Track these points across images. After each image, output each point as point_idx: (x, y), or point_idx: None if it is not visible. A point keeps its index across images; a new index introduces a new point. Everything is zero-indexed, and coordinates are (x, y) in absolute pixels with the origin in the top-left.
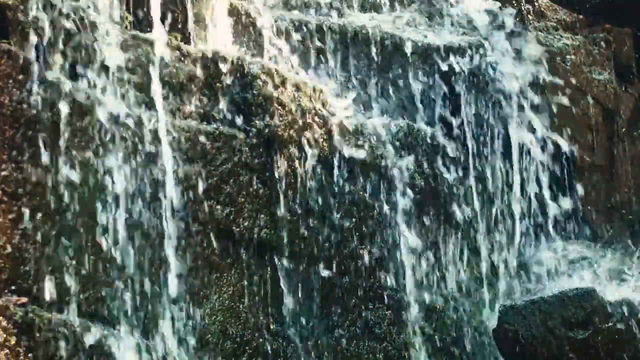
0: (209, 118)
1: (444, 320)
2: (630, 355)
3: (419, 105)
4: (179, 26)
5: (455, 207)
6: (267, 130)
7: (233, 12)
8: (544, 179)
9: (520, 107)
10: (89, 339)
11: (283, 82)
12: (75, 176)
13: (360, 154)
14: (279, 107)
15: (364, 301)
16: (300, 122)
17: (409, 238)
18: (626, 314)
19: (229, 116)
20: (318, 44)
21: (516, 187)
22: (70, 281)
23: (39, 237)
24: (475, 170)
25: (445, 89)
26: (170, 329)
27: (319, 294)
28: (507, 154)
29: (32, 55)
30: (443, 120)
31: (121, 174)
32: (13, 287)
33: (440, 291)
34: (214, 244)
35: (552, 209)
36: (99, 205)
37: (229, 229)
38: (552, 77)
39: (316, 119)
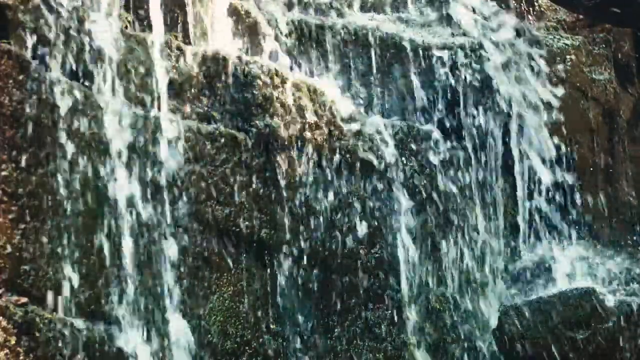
0: (209, 118)
1: (444, 320)
2: (630, 355)
3: (419, 106)
4: (179, 26)
5: (455, 207)
6: (267, 130)
7: (233, 12)
8: (544, 179)
9: (521, 107)
10: (89, 339)
11: (283, 82)
12: (75, 176)
13: (360, 154)
14: (279, 107)
15: (364, 301)
16: (300, 122)
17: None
18: (626, 314)
19: (228, 116)
20: (318, 44)
21: (517, 185)
22: (70, 281)
23: (39, 237)
24: (475, 170)
25: (445, 89)
26: (170, 329)
27: (319, 294)
28: (507, 154)
29: (31, 55)
30: (443, 120)
31: (121, 174)
32: (13, 287)
33: (440, 291)
34: (214, 244)
35: (552, 210)
36: (98, 205)
37: (229, 229)
38: (552, 76)
39: (316, 119)
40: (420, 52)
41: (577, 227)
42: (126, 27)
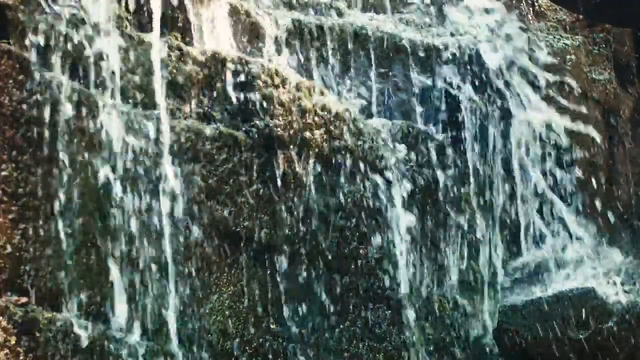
0: (209, 118)
1: (444, 320)
2: (630, 355)
3: (419, 106)
4: (179, 26)
5: (455, 207)
6: (267, 130)
7: (233, 12)
8: (544, 179)
9: (521, 108)
10: (89, 339)
11: (283, 82)
12: (75, 176)
13: (360, 154)
14: (279, 107)
15: (364, 301)
16: (300, 122)
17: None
18: (626, 314)
19: (228, 116)
20: (318, 44)
21: (517, 185)
22: (70, 281)
23: (39, 237)
24: (475, 170)
25: (445, 89)
26: (170, 329)
27: (319, 294)
28: (507, 154)
29: (32, 55)
30: (443, 120)
31: (121, 174)
32: (13, 287)
33: (440, 291)
34: (214, 244)
35: (552, 210)
36: (98, 205)
37: (229, 229)
38: (552, 77)
39: (316, 119)
40: (420, 52)
41: (576, 227)
42: (126, 27)
